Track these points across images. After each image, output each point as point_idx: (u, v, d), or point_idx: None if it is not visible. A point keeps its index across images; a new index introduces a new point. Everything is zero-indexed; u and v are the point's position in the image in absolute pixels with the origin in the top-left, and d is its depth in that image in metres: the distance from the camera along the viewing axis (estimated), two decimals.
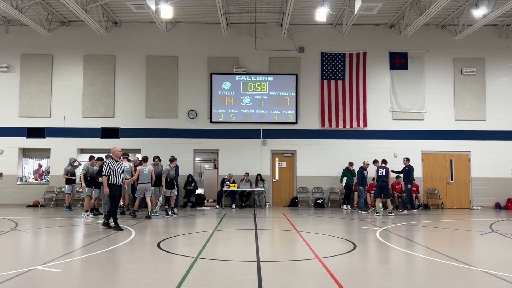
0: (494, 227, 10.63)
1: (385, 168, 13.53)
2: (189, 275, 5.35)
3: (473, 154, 16.46)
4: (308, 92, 16.72)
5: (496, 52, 16.85)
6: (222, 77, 16.64)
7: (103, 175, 9.46)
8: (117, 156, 9.77)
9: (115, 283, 5.17)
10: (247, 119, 16.56)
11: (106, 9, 15.43)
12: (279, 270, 5.87)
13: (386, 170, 13.51)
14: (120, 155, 9.94)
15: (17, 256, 6.94)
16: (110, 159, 9.65)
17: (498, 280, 5.29)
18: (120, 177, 9.58)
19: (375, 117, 16.64)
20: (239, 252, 7.09)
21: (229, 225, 10.85)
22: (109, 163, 9.51)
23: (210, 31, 16.67)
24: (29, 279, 5.21)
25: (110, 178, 9.41)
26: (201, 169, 21.04)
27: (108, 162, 9.55)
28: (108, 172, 9.41)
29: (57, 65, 16.63)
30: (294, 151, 16.75)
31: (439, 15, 15.70)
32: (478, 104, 16.71)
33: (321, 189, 16.47)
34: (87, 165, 12.64)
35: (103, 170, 9.49)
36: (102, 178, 9.59)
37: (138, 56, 16.68)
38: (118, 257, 6.70)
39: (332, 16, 15.68)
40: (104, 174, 9.42)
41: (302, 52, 16.79)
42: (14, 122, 16.37)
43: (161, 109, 16.56)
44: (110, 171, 9.43)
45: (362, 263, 6.37)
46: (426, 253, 6.94)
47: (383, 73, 16.83)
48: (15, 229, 9.59)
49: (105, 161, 9.74)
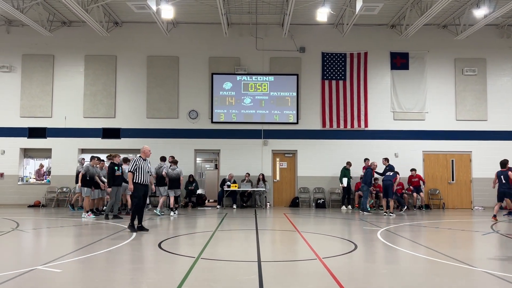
0: (495, 227, 10.62)
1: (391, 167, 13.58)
2: (190, 275, 5.36)
3: (474, 154, 16.45)
4: (309, 92, 16.72)
5: (497, 52, 16.83)
6: (223, 77, 16.65)
7: (129, 172, 9.18)
8: (146, 155, 9.44)
9: (116, 283, 5.17)
10: (248, 119, 16.56)
11: (107, 9, 15.44)
12: (280, 270, 5.87)
13: (394, 170, 13.55)
14: (149, 155, 9.55)
15: (19, 256, 6.95)
16: (138, 156, 9.39)
17: (499, 280, 5.28)
18: (145, 176, 9.24)
19: (376, 117, 16.63)
20: (240, 253, 7.09)
21: (230, 225, 10.86)
22: (136, 160, 9.23)
23: (211, 31, 16.68)
24: (31, 279, 5.22)
25: (135, 176, 9.12)
26: (202, 169, 21.05)
27: (136, 159, 9.28)
28: (134, 169, 9.11)
29: (58, 65, 16.65)
30: (295, 151, 16.75)
31: (440, 15, 15.69)
32: (479, 104, 16.69)
33: (322, 189, 16.46)
34: (87, 165, 12.57)
35: (130, 166, 9.23)
36: (128, 175, 9.29)
37: (139, 56, 16.70)
38: (119, 257, 6.70)
39: (333, 16, 15.68)
40: (130, 171, 9.14)
41: (303, 52, 16.79)
42: (15, 122, 16.39)
43: (162, 109, 16.57)
44: (136, 168, 9.12)
45: (363, 263, 6.36)
46: (427, 253, 6.93)
47: (384, 73, 16.82)
48: (17, 229, 9.60)
49: (132, 158, 9.39)
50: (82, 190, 12.22)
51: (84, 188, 12.19)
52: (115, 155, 12.29)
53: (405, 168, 15.63)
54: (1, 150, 16.30)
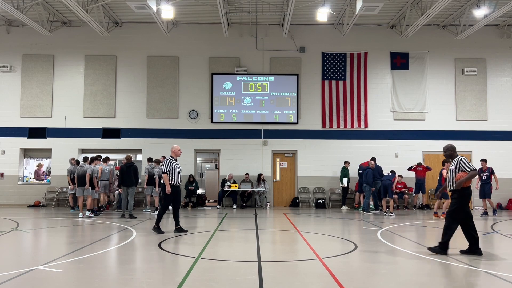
0: (495, 227, 10.62)
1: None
2: (190, 276, 5.36)
3: (474, 155, 16.43)
4: (309, 92, 16.72)
5: (497, 52, 16.84)
6: (223, 77, 16.65)
7: (164, 173, 8.95)
8: (177, 155, 9.30)
9: (116, 283, 5.17)
10: (248, 119, 16.56)
11: (107, 9, 15.44)
12: (280, 270, 5.86)
13: (391, 170, 13.56)
14: (180, 154, 9.41)
15: (19, 256, 6.95)
16: (169, 157, 9.20)
17: (499, 281, 5.28)
18: (177, 177, 9.10)
19: (376, 117, 16.64)
20: (240, 253, 7.09)
21: (230, 225, 10.86)
22: (169, 161, 9.05)
23: (211, 31, 16.68)
24: (30, 279, 5.22)
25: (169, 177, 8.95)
26: (202, 169, 21.06)
27: (169, 160, 9.09)
28: (169, 170, 8.94)
29: (58, 65, 16.66)
30: (295, 152, 16.75)
31: (440, 15, 15.69)
32: (480, 104, 16.70)
33: (322, 189, 16.47)
34: (93, 167, 12.71)
35: (164, 167, 8.98)
36: (163, 176, 9.00)
37: (139, 56, 16.70)
38: (119, 257, 6.70)
39: (333, 16, 15.68)
40: (165, 172, 8.94)
41: (303, 52, 16.79)
42: (15, 122, 16.40)
43: (162, 109, 16.57)
44: (170, 169, 8.95)
45: (363, 263, 6.36)
46: (427, 253, 6.92)
47: (384, 73, 16.82)
48: (17, 229, 9.60)
49: (166, 159, 9.17)
50: (88, 190, 12.30)
51: (89, 189, 12.32)
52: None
53: (405, 168, 15.60)
54: (1, 150, 16.30)
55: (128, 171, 12.18)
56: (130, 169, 12.21)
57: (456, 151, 7.46)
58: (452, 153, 7.32)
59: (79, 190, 12.30)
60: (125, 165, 12.34)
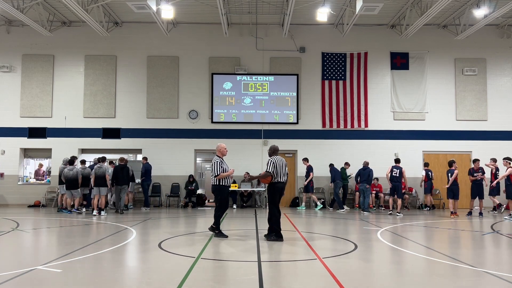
0: (495, 227, 10.62)
1: (399, 168, 13.58)
2: (190, 275, 5.35)
3: (474, 155, 16.41)
4: (309, 92, 16.72)
5: (497, 52, 16.84)
6: (223, 77, 16.65)
7: (217, 175, 8.54)
8: (223, 154, 8.83)
9: (116, 283, 5.17)
10: (248, 119, 16.56)
11: (107, 9, 15.44)
12: (280, 270, 5.86)
13: (400, 170, 13.55)
14: (226, 153, 8.94)
15: (18, 256, 6.94)
16: (216, 157, 8.72)
17: (500, 281, 5.28)
18: (228, 177, 8.74)
19: (376, 117, 16.63)
20: (240, 253, 7.09)
21: (230, 225, 10.86)
22: (219, 162, 8.59)
23: (211, 31, 16.68)
24: (30, 279, 5.21)
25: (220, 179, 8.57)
26: (202, 169, 21.07)
27: (218, 161, 8.61)
28: (220, 171, 8.52)
29: (58, 65, 16.65)
30: (295, 152, 16.75)
31: (440, 15, 15.69)
32: (480, 104, 16.70)
33: (322, 189, 16.46)
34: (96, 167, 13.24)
35: (216, 169, 8.54)
36: (218, 177, 8.59)
37: (139, 56, 16.69)
38: (119, 257, 6.70)
39: (333, 16, 15.68)
40: (217, 174, 8.52)
41: (303, 52, 16.79)
42: (15, 122, 16.40)
43: (162, 109, 16.57)
44: (222, 170, 8.54)
45: (363, 263, 6.36)
46: (427, 253, 6.93)
47: (384, 73, 16.82)
48: (17, 229, 9.60)
49: (214, 160, 8.66)
50: (104, 190, 12.94)
51: (105, 189, 12.98)
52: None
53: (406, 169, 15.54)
54: (1, 150, 16.30)
55: (122, 171, 13.19)
56: (124, 170, 13.25)
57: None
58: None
59: (96, 190, 12.88)
60: (119, 166, 13.24)
